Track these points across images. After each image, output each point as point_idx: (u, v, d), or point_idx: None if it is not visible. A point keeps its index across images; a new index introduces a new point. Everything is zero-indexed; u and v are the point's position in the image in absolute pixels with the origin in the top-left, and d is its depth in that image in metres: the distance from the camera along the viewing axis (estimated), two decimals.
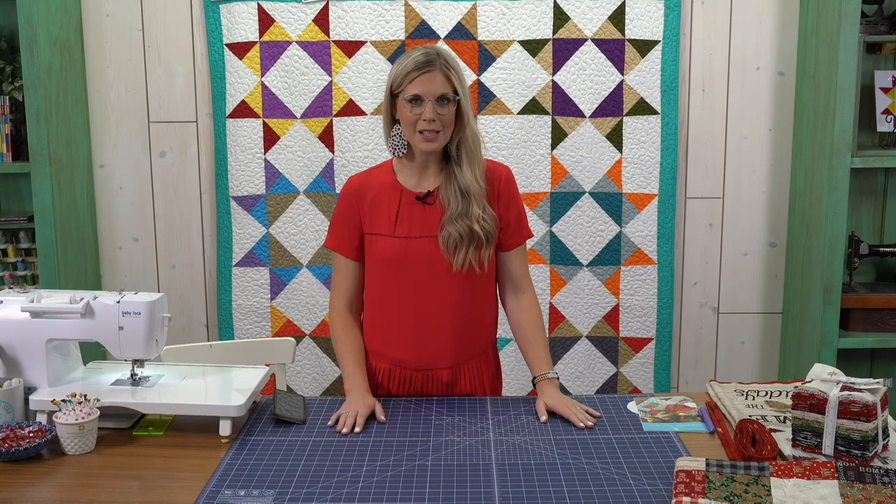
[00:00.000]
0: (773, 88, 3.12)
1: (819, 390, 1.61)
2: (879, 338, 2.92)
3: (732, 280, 3.23)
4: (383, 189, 2.03)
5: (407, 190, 2.01)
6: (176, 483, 1.59)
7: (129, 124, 3.17)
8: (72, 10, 3.03)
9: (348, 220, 2.05)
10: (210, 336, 3.27)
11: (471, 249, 1.96)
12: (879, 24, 2.86)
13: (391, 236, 1.99)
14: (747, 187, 3.17)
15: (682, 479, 1.49)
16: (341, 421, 1.83)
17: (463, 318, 2.02)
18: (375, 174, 2.07)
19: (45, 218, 2.90)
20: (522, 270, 2.09)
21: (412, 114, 1.91)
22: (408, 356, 2.03)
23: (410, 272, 1.99)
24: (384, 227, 2.00)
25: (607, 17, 3.02)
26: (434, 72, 1.90)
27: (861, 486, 1.45)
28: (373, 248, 2.02)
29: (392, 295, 2.02)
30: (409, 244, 1.98)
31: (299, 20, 3.04)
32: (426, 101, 1.90)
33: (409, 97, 1.91)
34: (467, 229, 1.95)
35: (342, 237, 2.06)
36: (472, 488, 1.55)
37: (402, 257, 1.98)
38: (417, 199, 2.00)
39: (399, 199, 2.01)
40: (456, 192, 1.96)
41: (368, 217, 2.03)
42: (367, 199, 2.03)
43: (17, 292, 1.88)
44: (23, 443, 1.70)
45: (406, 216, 2.00)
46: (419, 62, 1.91)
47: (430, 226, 1.99)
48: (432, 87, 1.90)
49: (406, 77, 1.91)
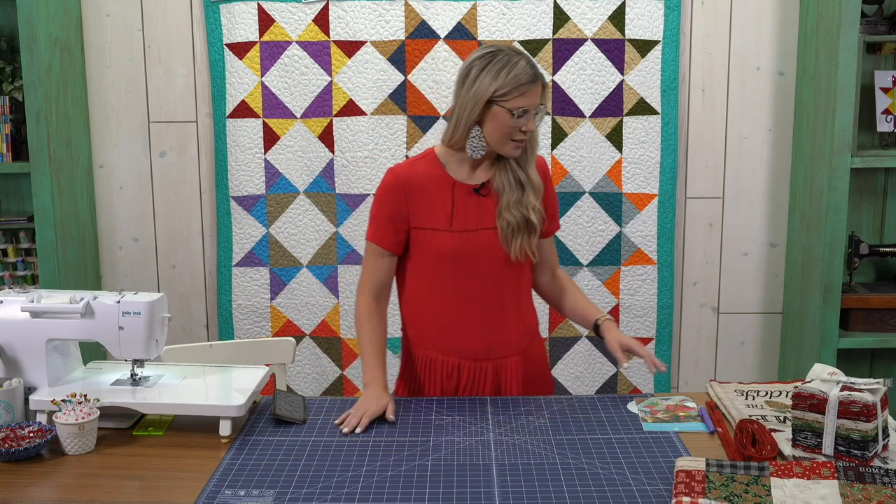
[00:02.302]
0: (773, 88, 3.12)
1: (819, 390, 1.61)
2: (879, 338, 2.92)
3: (732, 280, 3.23)
4: (432, 182, 2.00)
5: (460, 183, 2.00)
6: (176, 483, 1.59)
7: (129, 124, 3.17)
8: (72, 10, 3.03)
9: (394, 213, 2.01)
10: (210, 336, 3.27)
11: (525, 237, 1.99)
12: (879, 24, 2.86)
13: (448, 231, 1.98)
14: (747, 187, 3.17)
15: (682, 479, 1.49)
16: (347, 421, 1.82)
17: (519, 303, 2.07)
18: (420, 167, 2.03)
19: (45, 218, 2.90)
20: (555, 256, 2.20)
21: (513, 124, 1.90)
22: (479, 347, 2.04)
23: (469, 265, 1.99)
24: (439, 221, 1.99)
25: (607, 17, 3.02)
26: (538, 84, 1.91)
27: (861, 486, 1.45)
28: (427, 243, 2.01)
29: (453, 289, 2.01)
30: (467, 238, 1.98)
31: (299, 20, 3.04)
32: (530, 113, 1.91)
33: (515, 108, 1.89)
34: (523, 218, 1.97)
35: (386, 231, 2.03)
36: (472, 488, 1.55)
37: (461, 251, 1.98)
38: (474, 192, 2.00)
39: (452, 193, 2.00)
40: (511, 181, 1.98)
41: (418, 211, 2.00)
42: (414, 192, 2.00)
43: (17, 292, 1.87)
44: (23, 443, 1.70)
45: (462, 210, 1.99)
46: (529, 76, 1.90)
47: (486, 217, 2.00)
48: (535, 100, 1.91)
49: (516, 89, 1.89)
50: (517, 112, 1.89)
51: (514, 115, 1.89)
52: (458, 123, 1.95)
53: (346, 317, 3.17)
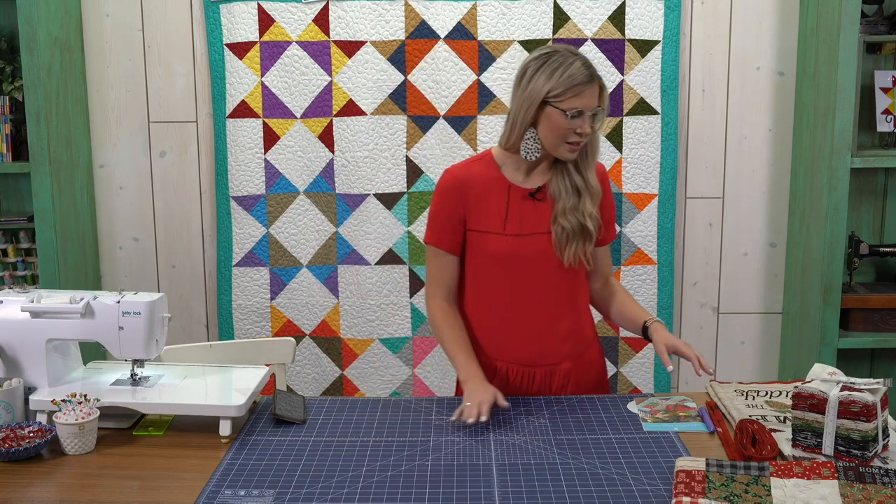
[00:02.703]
0: (773, 88, 3.12)
1: (819, 390, 1.62)
2: (879, 338, 2.92)
3: (732, 280, 3.23)
4: (488, 184, 1.99)
5: (515, 186, 1.98)
6: (176, 483, 1.59)
7: (129, 124, 3.17)
8: (72, 10, 3.03)
9: (451, 214, 2.00)
10: (210, 336, 3.27)
11: (579, 244, 1.96)
12: (879, 24, 2.86)
13: (502, 234, 1.97)
14: (747, 187, 3.17)
15: (682, 479, 1.49)
16: (466, 412, 1.80)
17: (574, 310, 2.05)
18: (476, 168, 2.01)
19: (45, 218, 2.90)
20: (609, 264, 2.16)
21: (567, 125, 1.87)
22: (529, 353, 2.02)
23: (522, 270, 1.98)
24: (493, 224, 1.98)
25: (607, 17, 3.02)
26: (594, 85, 1.88)
27: (861, 486, 1.45)
28: (481, 245, 2.00)
29: (505, 293, 2.00)
30: (520, 242, 1.97)
31: (299, 20, 3.04)
32: (586, 115, 1.87)
33: (569, 109, 1.86)
34: (579, 224, 1.95)
35: (444, 232, 2.02)
36: (472, 488, 1.55)
37: (514, 255, 1.97)
38: (530, 196, 1.98)
39: (507, 196, 1.98)
40: (567, 186, 1.95)
41: (474, 213, 1.99)
42: (471, 193, 1.99)
43: (17, 292, 1.88)
44: (23, 443, 1.70)
45: (516, 213, 1.97)
46: (584, 76, 1.86)
47: (540, 222, 1.97)
48: (591, 101, 1.88)
49: (570, 90, 1.86)
50: (571, 113, 1.86)
51: (568, 117, 1.86)
52: (514, 125, 1.94)
53: (346, 317, 3.17)
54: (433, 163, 3.08)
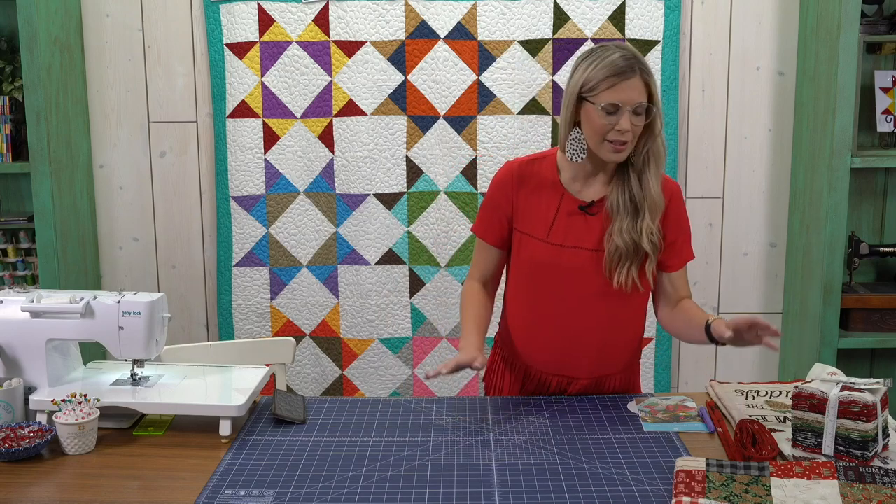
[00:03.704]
0: (773, 88, 3.12)
1: (819, 390, 1.62)
2: (879, 338, 2.92)
3: (732, 280, 3.23)
4: (543, 186, 1.90)
5: (569, 195, 1.89)
6: (176, 483, 1.59)
7: (129, 124, 3.17)
8: (72, 10, 3.03)
9: (500, 208, 1.94)
10: (210, 336, 3.27)
11: (633, 266, 1.84)
12: (879, 24, 2.86)
13: (544, 241, 1.90)
14: (747, 187, 3.17)
15: (682, 479, 1.49)
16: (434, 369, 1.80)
17: (610, 331, 1.95)
18: (538, 167, 1.92)
19: (45, 218, 2.90)
20: (685, 287, 1.97)
21: (604, 122, 1.75)
22: (549, 360, 1.99)
23: (558, 280, 1.90)
24: (538, 229, 1.90)
25: (607, 17, 3.02)
26: (634, 78, 1.74)
27: (861, 486, 1.45)
28: (523, 247, 1.93)
29: (538, 297, 1.95)
30: (561, 252, 1.89)
31: (299, 20, 3.04)
32: (623, 111, 1.75)
33: (604, 105, 1.74)
34: (633, 243, 1.82)
35: (490, 224, 1.97)
36: (472, 488, 1.55)
37: (552, 265, 1.90)
38: (580, 209, 1.88)
39: (559, 203, 1.89)
40: (627, 202, 1.83)
41: (523, 212, 1.92)
42: (524, 191, 1.91)
43: (17, 292, 1.87)
44: (23, 443, 1.70)
45: (563, 223, 1.88)
46: (619, 67, 1.74)
47: (586, 238, 1.88)
48: (631, 95, 1.74)
49: (603, 82, 1.74)
50: (606, 108, 1.74)
51: (604, 112, 1.75)
52: (561, 125, 1.85)
53: (346, 317, 3.17)
54: (433, 163, 3.08)
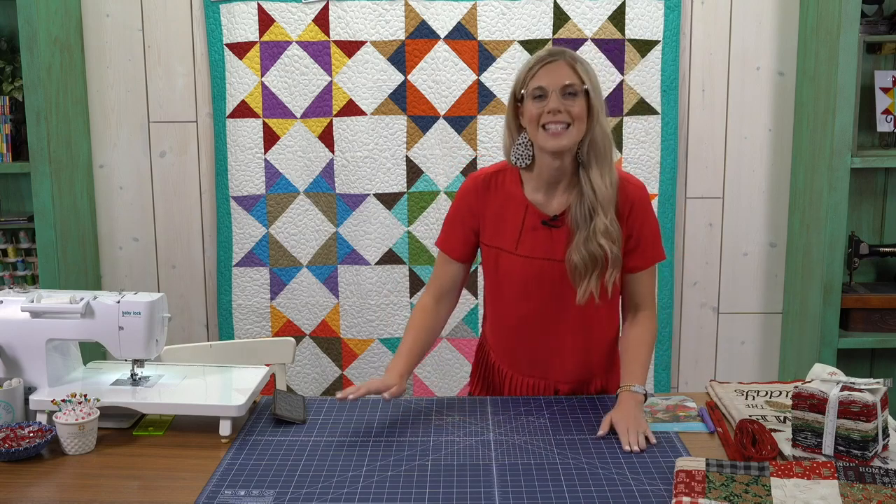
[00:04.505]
0: (773, 88, 3.12)
1: (819, 390, 1.62)
2: (879, 338, 2.92)
3: (732, 280, 3.23)
4: (509, 198, 1.92)
5: (533, 208, 1.90)
6: (176, 483, 1.59)
7: (129, 124, 3.17)
8: (72, 10, 3.03)
9: (465, 222, 1.96)
10: (210, 336, 3.27)
11: (594, 277, 1.84)
12: (879, 24, 2.86)
13: (513, 253, 1.91)
14: (747, 187, 3.17)
15: (682, 479, 1.49)
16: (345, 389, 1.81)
17: (585, 341, 1.98)
18: (502, 178, 1.93)
19: (45, 218, 2.90)
20: (646, 292, 1.96)
21: (535, 108, 1.79)
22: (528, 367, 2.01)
23: (531, 291, 1.92)
24: (507, 242, 1.92)
25: (607, 17, 3.02)
26: (558, 62, 1.80)
27: (861, 486, 1.45)
28: (494, 261, 1.95)
29: (513, 310, 1.97)
30: (531, 264, 1.90)
31: (299, 20, 3.04)
32: (550, 92, 1.78)
33: (532, 90, 1.79)
34: (591, 255, 1.83)
35: (455, 238, 1.98)
36: (472, 488, 1.55)
37: (524, 277, 1.91)
38: (543, 224, 1.89)
39: (523, 216, 1.90)
40: (586, 212, 1.83)
41: (490, 225, 1.93)
42: (490, 206, 1.93)
43: (17, 292, 1.88)
44: (23, 443, 1.70)
45: (529, 236, 1.90)
46: (541, 56, 1.82)
47: (553, 249, 1.89)
48: (555, 77, 1.78)
49: (529, 71, 1.81)
50: (534, 93, 1.79)
51: (533, 98, 1.79)
52: (505, 133, 1.89)
53: (346, 317, 3.17)
54: (433, 163, 3.08)
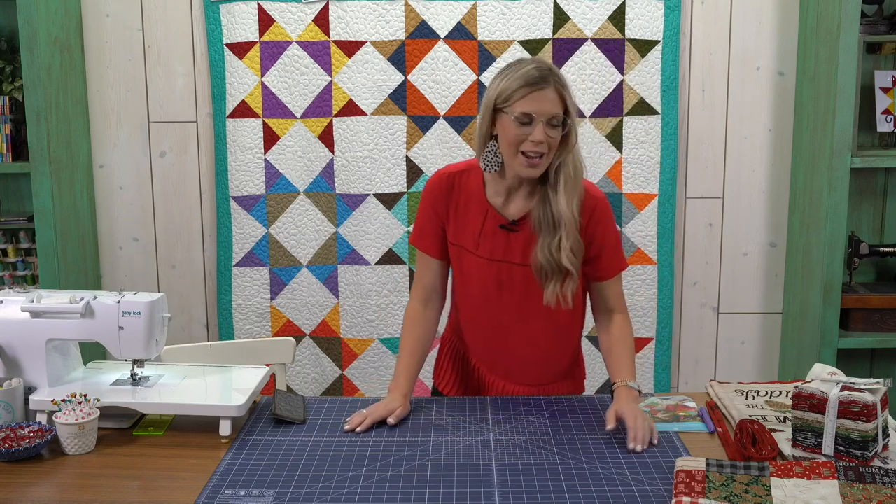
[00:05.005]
0: (773, 88, 3.12)
1: (819, 390, 1.62)
2: (879, 338, 2.92)
3: (732, 280, 3.23)
4: (471, 198, 1.91)
5: (493, 210, 1.89)
6: (176, 483, 1.59)
7: (129, 124, 3.17)
8: (72, 10, 3.03)
9: (432, 218, 1.95)
10: (210, 336, 3.27)
11: (557, 283, 1.83)
12: (879, 24, 2.86)
13: (475, 254, 1.91)
14: (747, 187, 3.17)
15: (682, 479, 1.49)
16: (351, 419, 1.82)
17: (547, 344, 1.99)
18: (466, 178, 1.92)
19: (45, 218, 2.90)
20: (616, 297, 1.95)
21: (518, 132, 1.74)
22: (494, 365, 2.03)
23: (494, 293, 1.93)
24: (469, 242, 1.92)
25: (607, 17, 3.02)
26: (547, 89, 1.74)
27: (861, 486, 1.45)
28: (458, 259, 1.95)
29: (477, 310, 1.98)
30: (490, 265, 1.91)
31: (299, 20, 3.04)
32: (536, 121, 1.74)
33: (517, 115, 1.74)
34: (555, 262, 1.81)
35: (427, 234, 1.97)
36: (472, 488, 1.55)
37: (485, 277, 1.92)
38: (501, 228, 1.88)
39: (484, 218, 1.89)
40: (549, 218, 1.82)
41: (454, 225, 1.93)
42: (455, 203, 1.92)
43: (17, 292, 1.87)
44: (23, 443, 1.70)
45: (489, 238, 1.90)
46: (532, 77, 1.74)
47: (512, 252, 1.89)
48: (544, 105, 1.74)
49: (517, 92, 1.74)
50: (519, 118, 1.74)
51: (517, 122, 1.74)
52: (477, 138, 1.85)
53: (346, 317, 3.17)
54: (433, 163, 3.08)
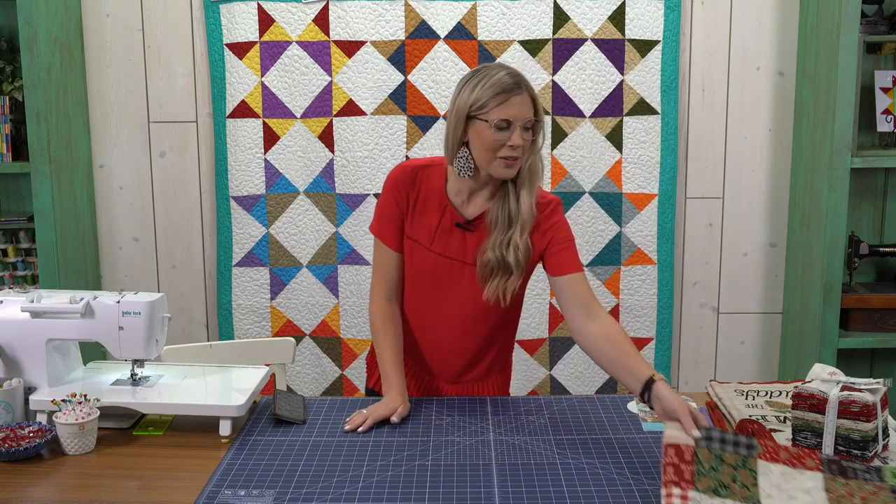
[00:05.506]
0: (773, 88, 3.12)
1: (819, 390, 1.62)
2: (879, 338, 2.92)
3: (732, 280, 3.23)
4: (430, 194, 1.92)
5: (451, 209, 1.91)
6: (176, 483, 1.59)
7: (129, 124, 3.17)
8: (72, 10, 3.03)
9: (393, 209, 1.95)
10: (210, 336, 3.27)
11: (501, 279, 1.87)
12: (879, 24, 2.86)
13: (428, 249, 1.93)
14: (747, 187, 3.17)
15: (671, 460, 1.48)
16: (352, 419, 1.82)
17: (481, 343, 2.00)
18: (428, 174, 1.94)
19: (45, 218, 2.90)
20: (587, 293, 1.87)
21: (496, 138, 1.77)
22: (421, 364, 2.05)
23: (437, 289, 1.95)
24: (423, 236, 1.93)
25: (607, 17, 3.02)
26: (522, 94, 1.78)
27: (843, 481, 1.45)
28: (410, 252, 1.96)
29: (418, 304, 1.99)
30: (442, 262, 1.92)
31: (299, 20, 3.04)
32: (514, 126, 1.77)
33: (496, 121, 1.76)
34: (502, 258, 1.85)
35: (388, 226, 1.96)
36: (472, 488, 1.55)
37: (433, 273, 1.93)
38: (457, 226, 1.91)
39: (441, 216, 1.92)
40: (505, 217, 1.86)
41: (410, 218, 1.94)
42: (415, 197, 1.93)
43: (17, 292, 1.88)
44: (23, 443, 1.70)
45: (444, 235, 1.92)
46: (507, 84, 1.77)
47: (465, 252, 1.91)
48: (520, 111, 1.77)
49: (493, 99, 1.76)
50: (497, 124, 1.76)
51: (495, 128, 1.76)
52: (447, 144, 1.86)
53: (346, 317, 3.17)
54: None
